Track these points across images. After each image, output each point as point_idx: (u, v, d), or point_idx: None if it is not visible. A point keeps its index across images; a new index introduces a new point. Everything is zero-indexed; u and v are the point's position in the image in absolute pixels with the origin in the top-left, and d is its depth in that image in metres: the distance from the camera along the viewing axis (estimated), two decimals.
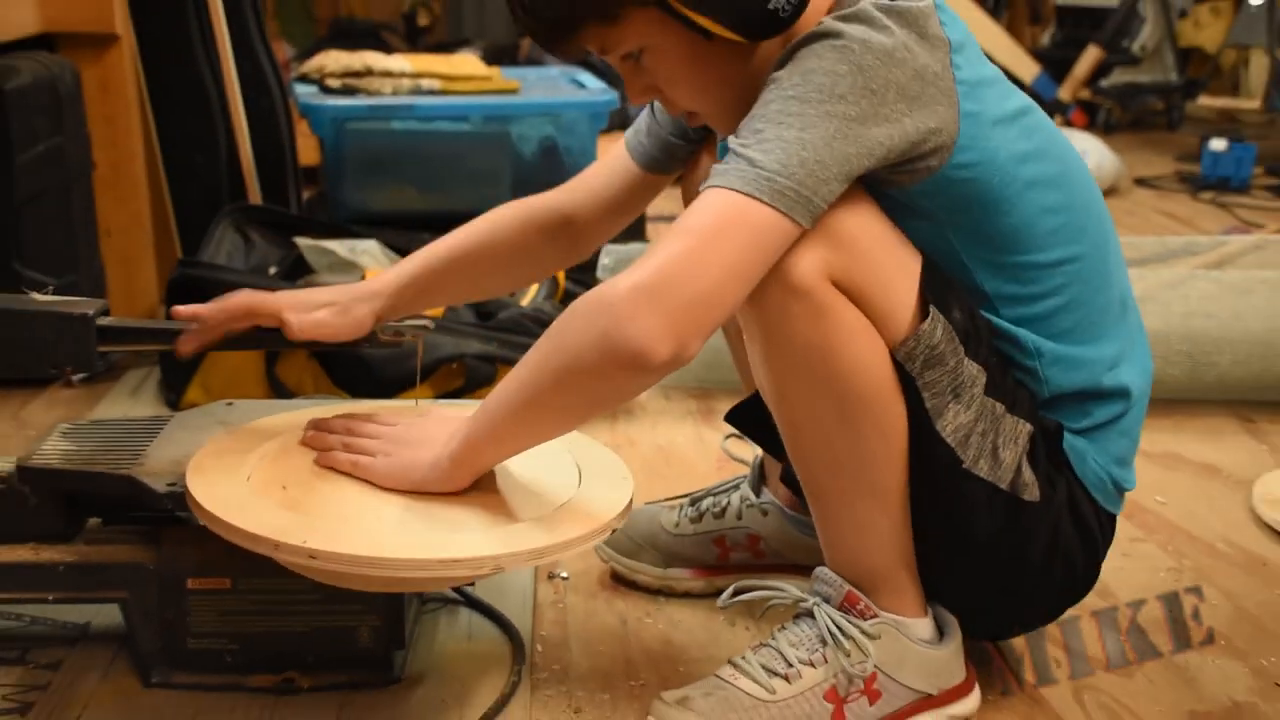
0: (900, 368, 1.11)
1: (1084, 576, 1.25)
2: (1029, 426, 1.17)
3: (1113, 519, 1.25)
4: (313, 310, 1.28)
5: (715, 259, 1.00)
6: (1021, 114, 1.15)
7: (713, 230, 1.01)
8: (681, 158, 1.36)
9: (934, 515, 1.17)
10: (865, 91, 1.03)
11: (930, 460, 1.13)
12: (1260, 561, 1.59)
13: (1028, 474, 1.16)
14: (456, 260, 1.35)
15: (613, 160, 1.39)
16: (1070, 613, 1.30)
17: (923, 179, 1.10)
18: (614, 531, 1.18)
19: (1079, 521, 1.20)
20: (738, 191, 1.01)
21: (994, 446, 1.15)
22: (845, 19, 1.06)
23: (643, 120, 1.38)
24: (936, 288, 1.12)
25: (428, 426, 1.21)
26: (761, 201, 1.01)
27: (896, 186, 1.10)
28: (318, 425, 1.26)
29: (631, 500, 1.19)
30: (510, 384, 1.10)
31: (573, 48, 1.13)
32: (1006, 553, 1.19)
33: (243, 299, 1.26)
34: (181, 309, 1.26)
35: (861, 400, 1.11)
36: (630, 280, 1.00)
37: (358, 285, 1.33)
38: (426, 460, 1.16)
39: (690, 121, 1.24)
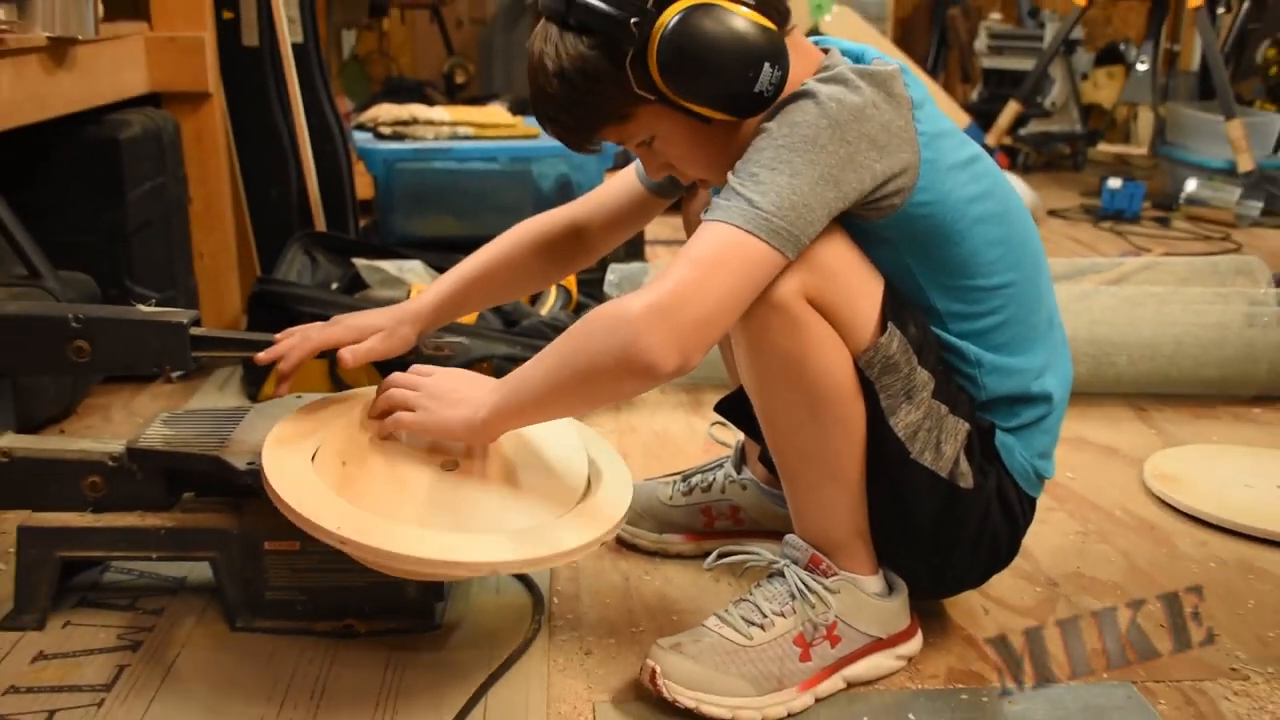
0: (861, 373, 1.10)
1: (1007, 550, 1.25)
2: (967, 425, 1.16)
3: (1033, 502, 1.25)
4: (365, 338, 1.27)
5: (717, 285, 0.99)
6: (972, 161, 1.15)
7: (716, 260, 1.00)
8: (682, 185, 1.35)
9: (885, 496, 1.16)
10: (842, 142, 1.03)
11: (884, 451, 1.13)
12: (1150, 525, 1.59)
13: (964, 465, 1.16)
14: (482, 275, 1.34)
15: (622, 181, 1.37)
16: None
17: (887, 214, 1.09)
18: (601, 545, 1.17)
19: (1005, 505, 1.20)
20: (738, 227, 1.00)
21: (937, 441, 1.14)
22: (824, 81, 1.06)
23: None
24: (895, 306, 1.11)
25: (459, 386, 1.18)
26: (759, 238, 1.00)
27: (865, 220, 1.10)
28: (380, 388, 1.23)
29: (626, 513, 1.19)
30: (536, 371, 1.09)
31: (593, 144, 1.14)
32: (944, 530, 1.18)
33: (311, 346, 1.25)
34: (264, 356, 1.25)
35: (828, 400, 1.10)
36: (645, 300, 0.99)
37: (402, 307, 1.31)
38: (462, 419, 1.14)
39: (702, 186, 1.23)
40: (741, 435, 1.45)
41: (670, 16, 1.01)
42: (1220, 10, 4.25)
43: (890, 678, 1.21)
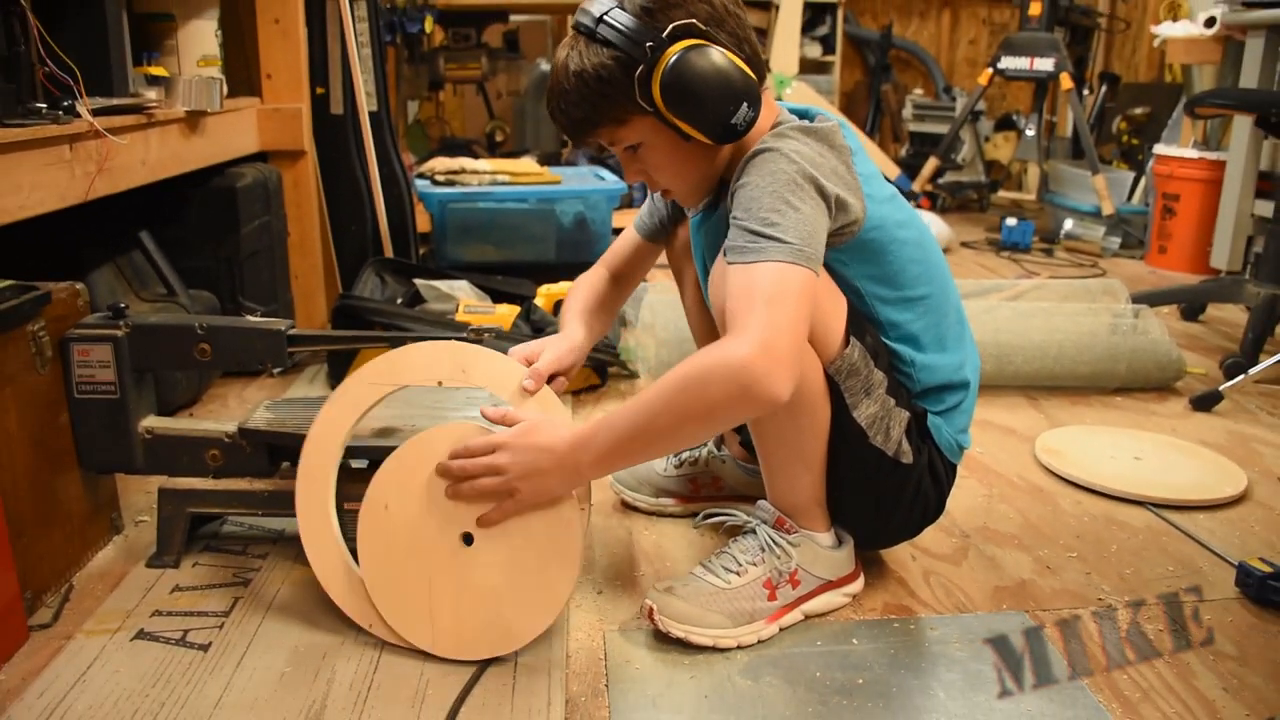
0: (830, 378, 1.09)
1: (935, 509, 1.24)
2: (907, 413, 1.15)
3: (955, 469, 1.24)
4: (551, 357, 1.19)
5: (790, 313, 0.94)
6: (894, 197, 1.14)
7: (779, 295, 0.94)
8: (668, 231, 1.34)
9: (846, 470, 1.15)
10: (811, 180, 1.00)
11: (847, 436, 1.12)
12: (1039, 489, 1.58)
13: (905, 445, 1.15)
14: (593, 309, 1.30)
15: (626, 239, 1.36)
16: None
17: (847, 241, 1.08)
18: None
19: (934, 475, 1.19)
20: (781, 262, 0.95)
21: (887, 427, 1.13)
22: (777, 138, 1.04)
23: (644, 210, 1.35)
24: (855, 322, 1.10)
25: (538, 458, 1.03)
26: (799, 265, 0.95)
27: (829, 248, 1.07)
28: (451, 460, 1.06)
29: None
30: (645, 423, 0.96)
31: (591, 141, 1.10)
32: (888, 496, 1.18)
33: (545, 369, 1.14)
34: (530, 387, 1.10)
35: (801, 402, 1.09)
36: (747, 346, 0.90)
37: (570, 337, 1.23)
38: (559, 484, 1.03)
39: (665, 196, 1.20)
40: None
41: (678, 48, 0.99)
42: (1086, 92, 4.36)
43: (839, 611, 1.20)
